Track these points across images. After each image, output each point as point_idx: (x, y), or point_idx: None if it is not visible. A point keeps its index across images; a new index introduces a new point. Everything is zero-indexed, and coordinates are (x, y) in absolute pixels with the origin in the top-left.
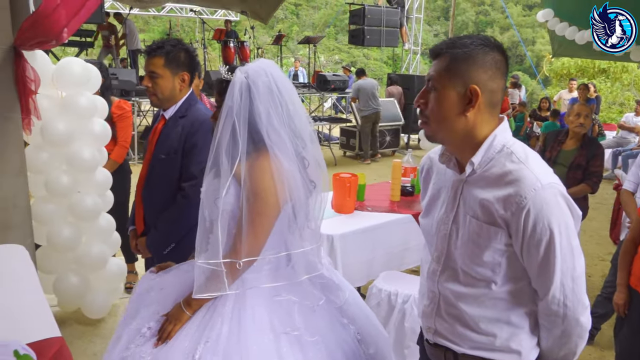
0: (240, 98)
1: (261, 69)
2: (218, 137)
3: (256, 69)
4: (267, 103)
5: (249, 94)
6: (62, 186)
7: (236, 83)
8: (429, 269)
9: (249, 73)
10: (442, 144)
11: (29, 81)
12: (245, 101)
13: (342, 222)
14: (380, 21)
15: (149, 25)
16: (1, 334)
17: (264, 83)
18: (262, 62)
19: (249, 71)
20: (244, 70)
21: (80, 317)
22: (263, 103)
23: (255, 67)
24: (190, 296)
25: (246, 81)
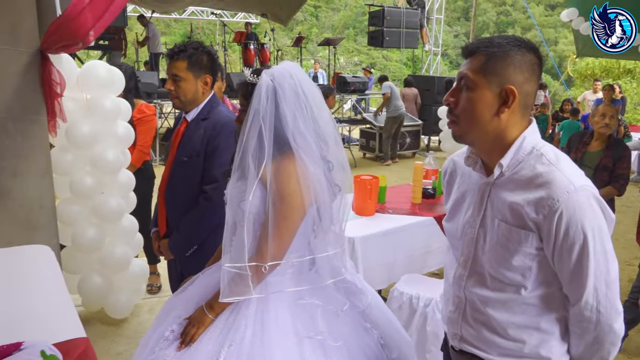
0: (266, 101)
1: (286, 72)
2: (244, 140)
3: (282, 71)
4: (293, 106)
5: (275, 97)
6: (87, 187)
7: (262, 86)
8: (455, 274)
9: (274, 76)
10: (470, 145)
11: (55, 84)
12: (272, 104)
13: (363, 224)
14: (400, 22)
15: (170, 28)
16: (28, 333)
17: (290, 86)
18: (287, 64)
19: (274, 74)
20: (270, 73)
21: (103, 317)
22: (289, 106)
23: (280, 69)
24: (213, 299)
25: (272, 84)
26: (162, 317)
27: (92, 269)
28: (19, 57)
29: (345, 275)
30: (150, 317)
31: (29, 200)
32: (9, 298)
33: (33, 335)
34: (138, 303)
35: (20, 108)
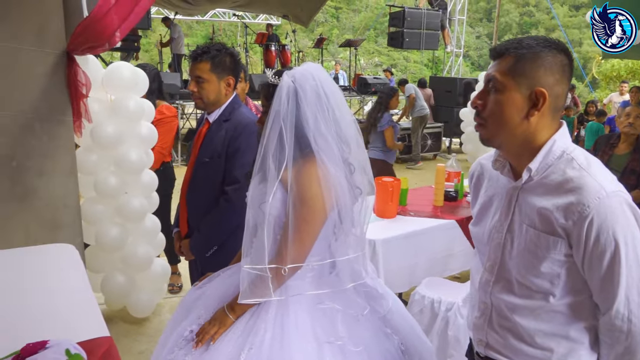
0: (287, 102)
1: (308, 73)
2: (265, 141)
3: (303, 72)
4: (315, 108)
5: (296, 99)
6: (110, 187)
7: (283, 87)
8: (481, 279)
9: (296, 77)
10: (497, 148)
11: (81, 85)
12: (293, 106)
13: (384, 226)
14: (420, 24)
15: (192, 29)
16: (53, 332)
17: (312, 87)
18: (308, 65)
19: (296, 75)
20: (291, 74)
21: (125, 316)
22: (310, 107)
23: (302, 70)
24: (234, 301)
25: (293, 85)
26: (181, 316)
27: (115, 268)
28: (46, 59)
29: (365, 279)
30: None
31: (54, 200)
32: (34, 296)
33: (58, 334)
34: (159, 302)
35: (47, 108)
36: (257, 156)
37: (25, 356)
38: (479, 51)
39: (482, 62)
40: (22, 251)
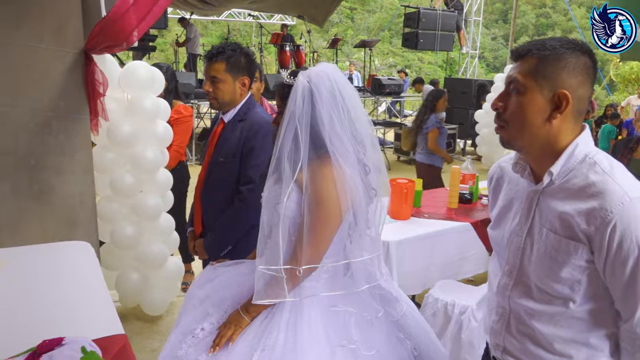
0: (302, 103)
1: (324, 73)
2: (280, 142)
3: (319, 73)
4: (330, 108)
5: (312, 99)
6: (126, 186)
7: (299, 88)
8: (499, 283)
9: (311, 77)
10: (518, 151)
11: (98, 84)
12: (308, 106)
13: (398, 228)
14: (435, 25)
15: (207, 29)
16: (69, 328)
17: (327, 88)
18: (324, 66)
19: (311, 75)
20: (307, 75)
21: (139, 314)
22: (325, 108)
23: (317, 71)
24: (249, 302)
25: (308, 85)
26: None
27: (129, 265)
28: (64, 57)
29: (380, 280)
30: None
31: (71, 198)
32: (51, 292)
33: (73, 330)
34: (173, 301)
35: (65, 107)
36: (272, 157)
37: (41, 353)
38: (494, 53)
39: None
40: (39, 248)
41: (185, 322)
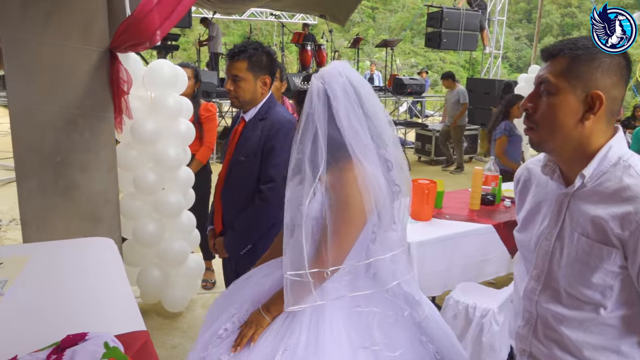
0: (318, 103)
1: (335, 71)
2: (299, 144)
3: (331, 71)
4: (345, 104)
5: (327, 99)
6: (149, 183)
7: (314, 90)
8: (527, 287)
9: (324, 77)
10: (549, 153)
11: (122, 82)
12: (324, 106)
13: (419, 229)
14: (459, 24)
15: (229, 29)
16: (92, 323)
17: (340, 85)
18: (335, 64)
19: (324, 76)
20: (319, 76)
21: (160, 310)
22: (341, 105)
23: (329, 70)
24: (270, 301)
25: (322, 86)
26: (215, 315)
27: (151, 262)
28: (90, 56)
29: (406, 277)
30: (204, 313)
31: (95, 195)
32: (75, 288)
33: (96, 326)
34: (193, 298)
35: (90, 105)
36: (291, 158)
37: (65, 347)
38: (517, 53)
39: (520, 64)
40: (64, 243)
41: (214, 325)
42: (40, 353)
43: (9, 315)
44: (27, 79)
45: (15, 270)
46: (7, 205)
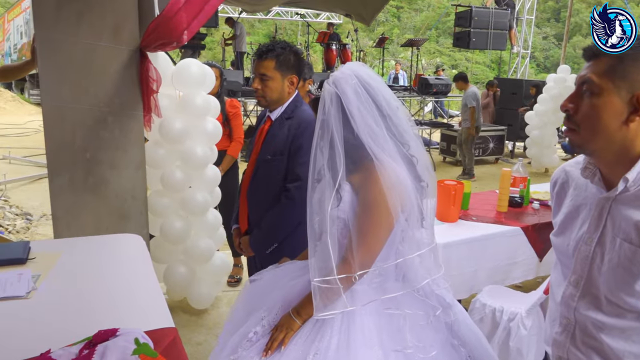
0: (331, 108)
1: (349, 71)
2: (317, 151)
3: (342, 74)
4: (358, 105)
5: (340, 102)
6: (176, 181)
7: (326, 95)
8: (564, 293)
9: (335, 81)
10: (590, 155)
11: (152, 81)
12: (338, 110)
13: (445, 231)
14: (488, 23)
15: (254, 28)
16: (122, 319)
17: (352, 87)
18: (347, 65)
19: (334, 79)
20: (331, 81)
21: (185, 307)
22: (354, 106)
23: (341, 72)
24: (300, 305)
25: (334, 90)
26: (242, 315)
27: (177, 259)
28: (121, 55)
29: (437, 274)
30: (229, 310)
31: (123, 191)
32: (104, 283)
33: (126, 321)
34: (218, 295)
35: (120, 103)
36: (311, 165)
37: (97, 343)
38: (545, 52)
39: (548, 63)
40: (94, 239)
41: (244, 328)
42: (73, 347)
43: (42, 309)
44: (60, 78)
45: (48, 265)
46: (37, 200)
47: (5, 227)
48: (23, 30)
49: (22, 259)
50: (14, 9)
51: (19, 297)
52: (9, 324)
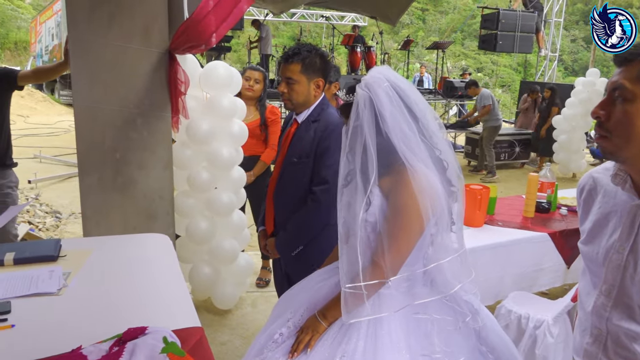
0: (364, 112)
1: (379, 74)
2: (349, 155)
3: (373, 78)
4: (391, 109)
5: (373, 106)
6: (202, 182)
7: (359, 100)
8: (595, 303)
9: (367, 85)
10: (622, 163)
11: (180, 83)
12: (371, 114)
13: (470, 235)
14: (515, 26)
15: (279, 30)
16: (150, 317)
17: (384, 90)
18: (377, 69)
19: (367, 83)
20: (363, 85)
21: (209, 306)
22: (387, 110)
23: (371, 76)
24: (326, 307)
25: (368, 94)
26: (272, 319)
27: (202, 259)
28: (150, 57)
29: (466, 280)
30: (252, 311)
31: (151, 192)
32: (133, 282)
33: (154, 320)
34: (242, 296)
35: (149, 104)
36: (340, 168)
37: (127, 340)
38: (573, 55)
39: (576, 67)
40: (123, 238)
41: (270, 328)
42: (103, 344)
43: (72, 306)
44: (91, 79)
45: (79, 263)
46: (66, 199)
47: (36, 225)
48: (54, 32)
49: (53, 256)
50: (46, 11)
51: (51, 293)
52: (41, 320)
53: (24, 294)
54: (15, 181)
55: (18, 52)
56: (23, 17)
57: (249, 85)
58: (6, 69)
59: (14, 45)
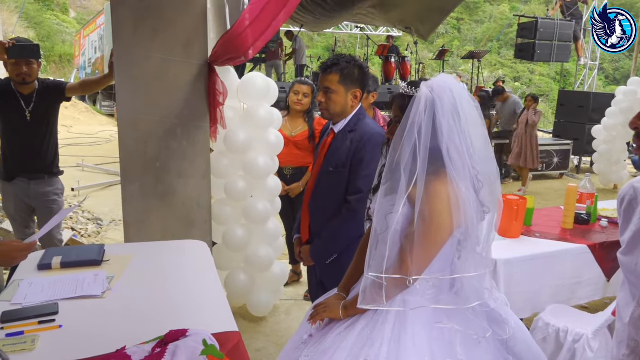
0: (424, 113)
1: (445, 84)
2: (398, 153)
3: (441, 84)
4: (450, 120)
5: (434, 110)
6: (239, 190)
7: (422, 98)
8: (633, 314)
9: (433, 88)
10: None
11: (219, 94)
12: (429, 117)
13: (507, 246)
14: (553, 35)
15: (313, 41)
16: (190, 321)
17: (449, 98)
18: (445, 77)
19: (433, 86)
20: (429, 85)
21: (245, 313)
22: (446, 119)
23: (439, 81)
24: (349, 302)
25: (431, 96)
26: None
27: (238, 266)
28: (191, 69)
29: (487, 299)
30: (286, 318)
31: (189, 200)
32: (173, 286)
33: (193, 323)
34: (276, 304)
35: (188, 115)
36: (385, 167)
37: (169, 342)
38: (614, 64)
39: (617, 75)
40: (163, 245)
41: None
42: (146, 345)
43: (116, 308)
44: (134, 91)
45: (121, 267)
46: (107, 207)
47: (78, 231)
48: (97, 45)
49: (97, 260)
50: (89, 25)
51: (96, 296)
52: (87, 321)
53: (71, 296)
54: (61, 188)
55: (62, 64)
56: (67, 31)
57: (297, 99)
58: (55, 81)
59: (59, 58)
